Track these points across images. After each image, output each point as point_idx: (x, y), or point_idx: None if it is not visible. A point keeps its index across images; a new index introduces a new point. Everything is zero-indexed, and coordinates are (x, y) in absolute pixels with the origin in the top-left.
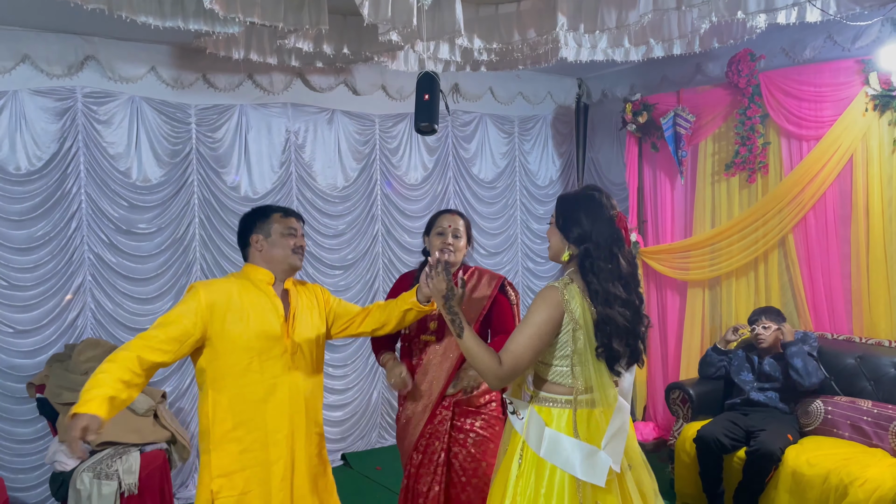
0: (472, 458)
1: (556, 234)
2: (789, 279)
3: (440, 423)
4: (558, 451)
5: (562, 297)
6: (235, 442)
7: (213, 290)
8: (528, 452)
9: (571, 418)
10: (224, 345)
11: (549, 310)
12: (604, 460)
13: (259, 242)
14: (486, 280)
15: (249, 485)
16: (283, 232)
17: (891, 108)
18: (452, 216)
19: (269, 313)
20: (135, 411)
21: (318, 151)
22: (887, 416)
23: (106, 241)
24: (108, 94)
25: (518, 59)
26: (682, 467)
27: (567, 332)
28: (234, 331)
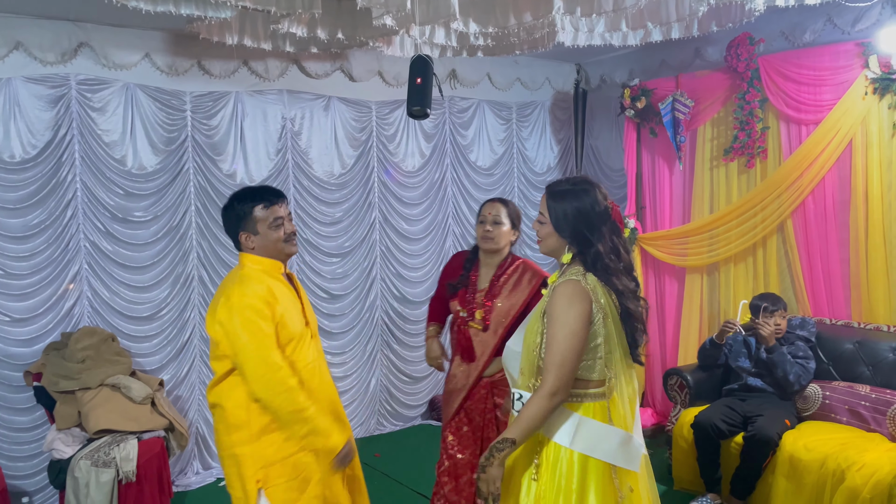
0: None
1: (552, 235)
2: (788, 265)
3: (479, 401)
4: (596, 441)
5: (587, 287)
6: (278, 431)
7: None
8: (547, 451)
9: (605, 409)
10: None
11: (579, 304)
12: (637, 445)
13: (249, 240)
14: (527, 278)
15: (296, 471)
16: (269, 224)
17: (891, 91)
18: (493, 204)
19: (295, 301)
20: (132, 399)
21: (315, 138)
22: (885, 401)
23: (102, 229)
24: (102, 82)
25: (515, 43)
26: (680, 453)
27: (598, 321)
28: (283, 321)
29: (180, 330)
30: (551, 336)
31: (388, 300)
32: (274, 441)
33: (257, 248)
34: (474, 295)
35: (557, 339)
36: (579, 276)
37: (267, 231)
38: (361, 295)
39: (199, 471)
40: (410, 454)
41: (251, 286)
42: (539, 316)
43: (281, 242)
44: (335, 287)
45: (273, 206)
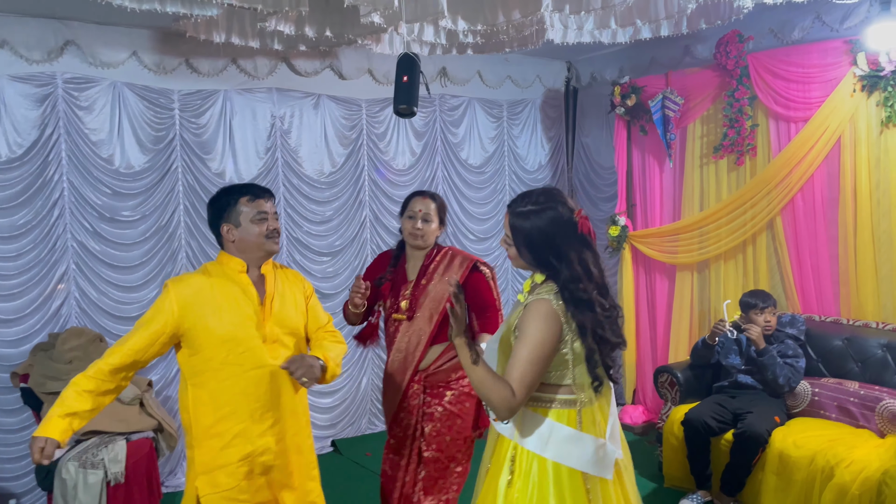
0: (438, 432)
1: (518, 258)
2: (777, 262)
3: (412, 398)
4: (568, 449)
5: (558, 308)
6: (217, 438)
7: (184, 286)
8: (520, 457)
9: (576, 416)
10: (200, 339)
11: (548, 325)
12: (611, 452)
13: (230, 232)
14: (458, 262)
15: (232, 481)
16: (252, 218)
17: (878, 88)
18: (424, 199)
19: (243, 303)
20: (121, 400)
21: (304, 137)
22: (874, 398)
23: (89, 228)
24: (89, 80)
25: (504, 41)
26: (671, 450)
27: (567, 341)
28: (209, 324)
29: None
30: (517, 352)
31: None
32: (211, 448)
33: (236, 242)
34: (402, 287)
35: (522, 358)
36: (551, 295)
37: (249, 224)
38: None
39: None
40: None
41: (188, 277)
42: (512, 330)
43: (262, 238)
44: (326, 286)
45: (259, 200)
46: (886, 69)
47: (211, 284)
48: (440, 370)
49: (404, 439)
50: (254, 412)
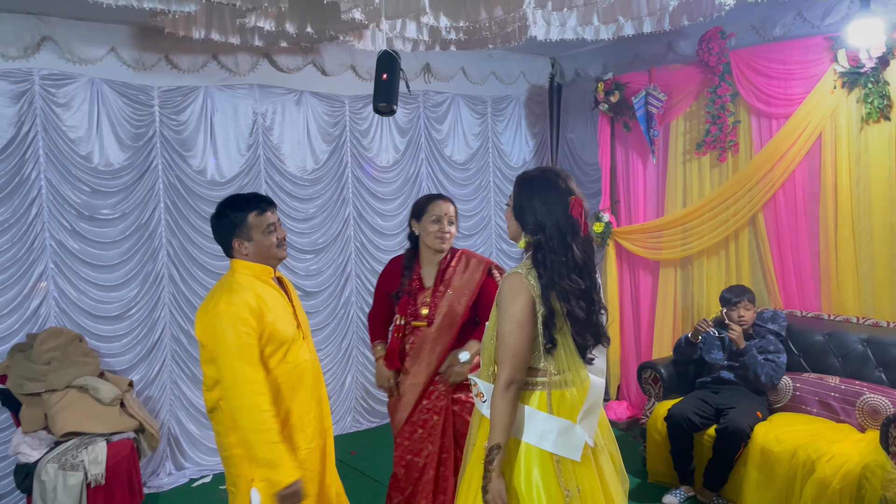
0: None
1: (512, 219)
2: (759, 258)
3: (438, 399)
4: (532, 427)
5: (528, 282)
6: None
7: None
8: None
9: (546, 399)
10: (268, 343)
11: (520, 297)
12: (579, 435)
13: (243, 246)
14: (474, 264)
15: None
16: (263, 230)
17: (859, 85)
18: (447, 203)
19: (285, 304)
20: (100, 401)
21: (287, 133)
22: (854, 392)
23: (68, 227)
24: (66, 77)
25: (487, 37)
26: (654, 446)
27: (539, 314)
28: (275, 327)
29: (150, 329)
30: (500, 329)
31: (363, 297)
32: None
33: (250, 255)
34: (419, 294)
35: (505, 332)
36: (524, 269)
37: (261, 237)
38: (336, 292)
39: (172, 472)
40: (387, 451)
41: (240, 294)
42: (495, 306)
43: (274, 248)
44: (309, 284)
45: (266, 213)
46: (867, 66)
47: (258, 291)
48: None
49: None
50: (302, 403)
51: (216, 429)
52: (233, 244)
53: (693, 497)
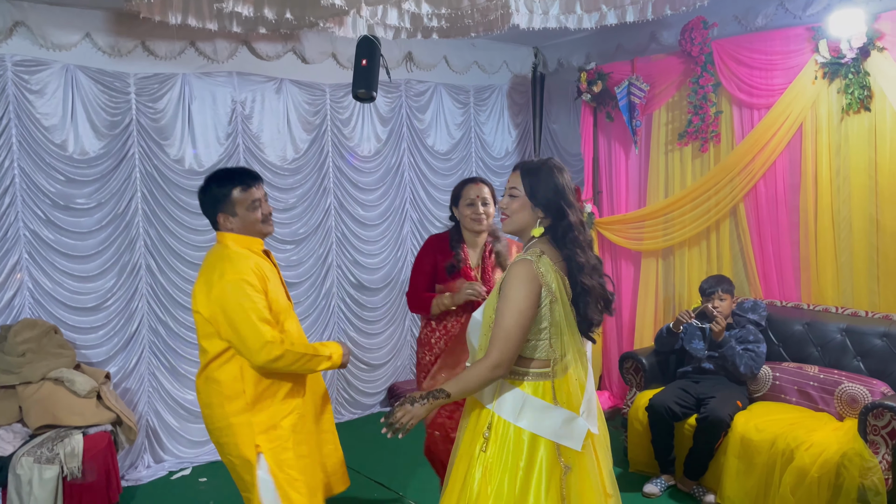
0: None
1: (526, 208)
2: (740, 248)
3: None
4: (540, 419)
5: (538, 271)
6: (271, 398)
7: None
8: (497, 425)
9: (550, 389)
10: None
11: (527, 284)
12: (581, 425)
13: (227, 221)
14: (514, 249)
15: (289, 432)
16: (248, 206)
17: (840, 75)
18: (479, 185)
19: (277, 276)
20: (76, 393)
21: (266, 122)
22: (833, 381)
23: (42, 216)
24: (40, 63)
25: (470, 25)
26: (635, 435)
27: (545, 305)
28: (273, 296)
29: (128, 320)
30: (500, 312)
31: (344, 287)
32: (267, 408)
33: (236, 229)
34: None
35: (504, 316)
36: (534, 257)
37: (245, 213)
38: (317, 282)
39: (151, 464)
40: (368, 443)
41: (242, 262)
42: (497, 292)
43: (259, 223)
44: (290, 275)
45: (251, 189)
46: (847, 56)
47: (256, 262)
48: None
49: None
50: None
51: (208, 401)
52: (218, 219)
53: (673, 486)
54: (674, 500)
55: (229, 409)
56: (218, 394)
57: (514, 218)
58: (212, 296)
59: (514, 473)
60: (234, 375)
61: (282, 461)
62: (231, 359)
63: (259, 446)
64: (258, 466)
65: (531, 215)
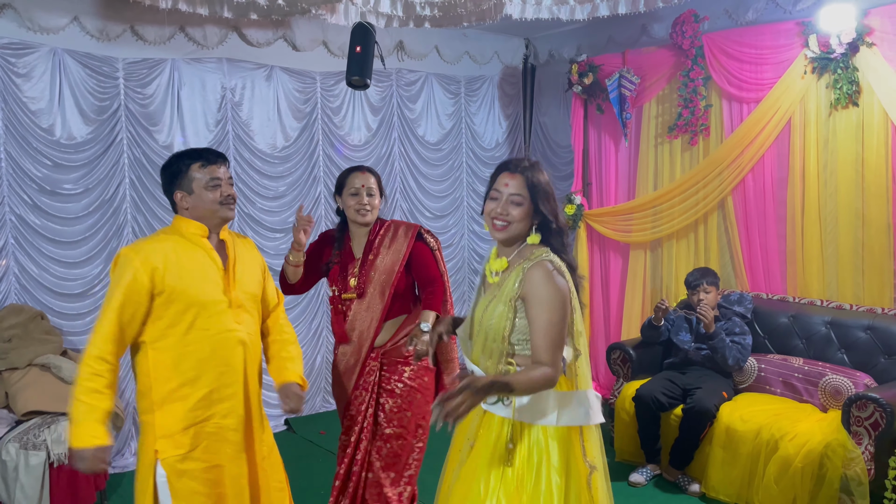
0: (399, 408)
1: (528, 216)
2: (728, 241)
3: (368, 374)
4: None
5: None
6: (181, 401)
7: (147, 254)
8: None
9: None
10: (167, 304)
11: (560, 287)
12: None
13: (183, 199)
14: (402, 231)
15: (196, 441)
16: (206, 185)
17: (829, 70)
18: (364, 174)
19: (208, 267)
20: (63, 380)
21: (256, 110)
22: (817, 373)
23: (29, 202)
24: (27, 46)
25: (462, 14)
26: (622, 425)
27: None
28: (178, 288)
29: None
30: (540, 321)
31: None
32: (175, 411)
33: (190, 209)
34: (349, 266)
35: (545, 322)
36: (550, 255)
37: (202, 191)
38: None
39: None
40: None
41: (148, 245)
42: (507, 301)
43: (216, 204)
44: (279, 263)
45: (211, 167)
46: (837, 51)
47: (174, 248)
48: (396, 346)
49: (356, 416)
50: (219, 376)
51: None
52: (174, 197)
53: (659, 475)
54: (659, 489)
55: (140, 406)
56: (138, 386)
57: (516, 226)
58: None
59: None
60: (142, 369)
61: (182, 471)
62: (145, 351)
63: (158, 451)
64: (158, 471)
65: (529, 223)
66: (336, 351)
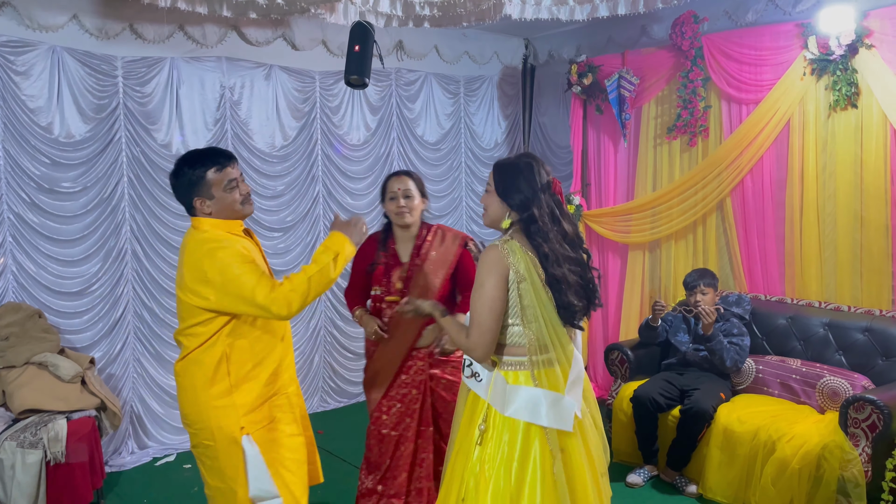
0: (444, 400)
1: (495, 202)
2: (726, 242)
3: (417, 373)
4: (524, 405)
5: (503, 252)
6: (255, 380)
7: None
8: (494, 418)
9: (530, 378)
10: None
11: (494, 268)
12: (568, 405)
13: (205, 205)
14: (450, 238)
15: (274, 411)
16: (224, 187)
17: (828, 72)
18: (400, 178)
19: (260, 255)
20: (60, 378)
21: (255, 109)
22: (815, 375)
23: (27, 200)
24: (26, 44)
25: (462, 14)
26: (620, 426)
27: (513, 287)
28: None
29: (113, 306)
30: (472, 300)
31: None
32: (251, 389)
33: (214, 213)
34: (395, 269)
35: (475, 303)
36: (503, 240)
37: (223, 194)
38: None
39: (135, 450)
40: (354, 431)
41: (227, 240)
42: None
43: (238, 204)
44: (277, 263)
45: (226, 169)
46: (836, 53)
47: (241, 243)
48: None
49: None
50: (274, 350)
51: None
52: (194, 203)
53: (656, 476)
54: (656, 490)
55: (212, 392)
56: (201, 376)
57: (489, 211)
58: (207, 277)
59: (509, 466)
60: (217, 358)
61: (270, 440)
62: (217, 342)
63: (244, 428)
64: (246, 446)
65: (501, 209)
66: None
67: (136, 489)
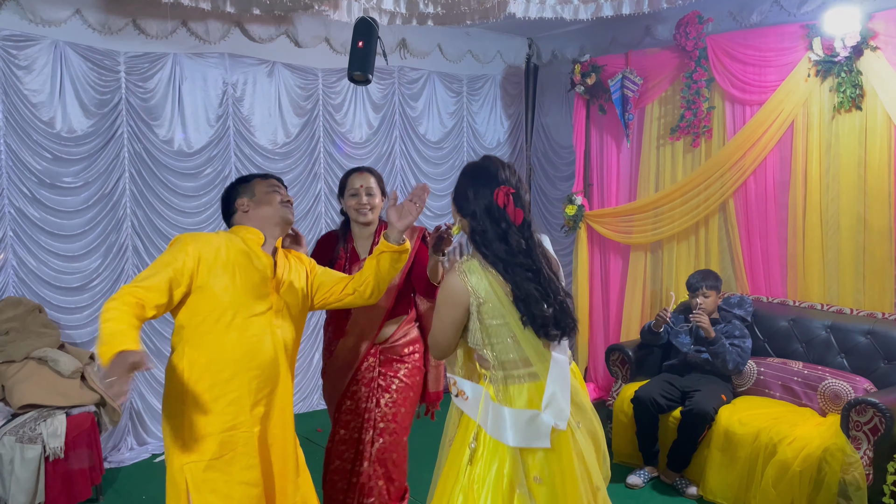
0: (394, 403)
1: (453, 206)
2: (728, 243)
3: (367, 371)
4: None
5: (461, 278)
6: (211, 402)
7: (201, 242)
8: (483, 437)
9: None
10: (207, 299)
11: (451, 301)
12: (545, 422)
13: (245, 204)
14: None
15: (224, 449)
16: (267, 190)
17: (832, 74)
18: (363, 175)
19: (256, 269)
20: (60, 373)
21: (258, 105)
22: (817, 377)
23: (28, 194)
24: (28, 38)
25: (466, 13)
26: (620, 427)
27: (474, 312)
28: (219, 284)
29: None
30: (433, 323)
31: None
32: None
33: (251, 214)
34: (354, 266)
35: (436, 324)
36: (464, 260)
37: (264, 195)
38: None
39: (134, 447)
40: None
41: (205, 235)
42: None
43: (278, 205)
44: None
45: (270, 179)
46: (840, 55)
47: (227, 245)
48: (396, 344)
49: (359, 411)
50: (251, 380)
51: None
52: (236, 204)
53: (657, 477)
54: (657, 491)
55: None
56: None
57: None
58: None
59: (497, 485)
60: (178, 370)
61: (203, 480)
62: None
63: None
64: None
65: (456, 214)
66: (333, 347)
67: (134, 485)
